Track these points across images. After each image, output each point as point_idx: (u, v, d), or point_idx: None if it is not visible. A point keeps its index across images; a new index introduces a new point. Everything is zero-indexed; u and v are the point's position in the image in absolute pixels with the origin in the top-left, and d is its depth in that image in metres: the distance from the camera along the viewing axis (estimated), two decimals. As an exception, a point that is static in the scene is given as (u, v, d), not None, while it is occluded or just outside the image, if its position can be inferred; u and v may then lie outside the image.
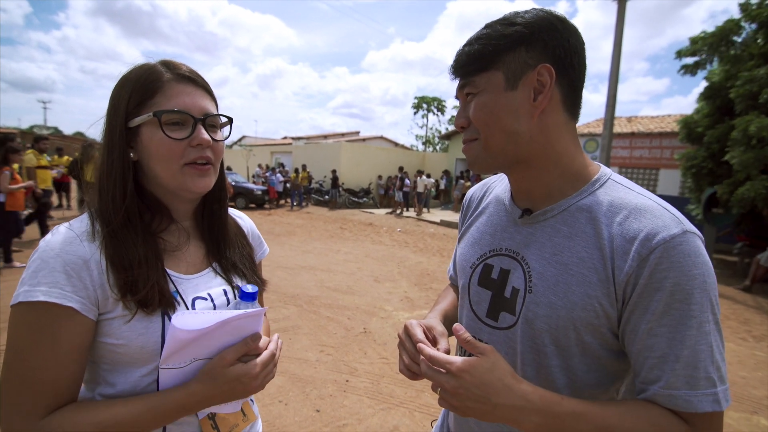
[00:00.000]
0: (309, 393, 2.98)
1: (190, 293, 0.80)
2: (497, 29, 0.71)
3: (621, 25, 10.15)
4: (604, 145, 10.46)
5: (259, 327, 0.77)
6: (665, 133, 13.99)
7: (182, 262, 0.82)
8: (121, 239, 0.73)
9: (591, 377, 0.71)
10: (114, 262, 0.71)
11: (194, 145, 0.75)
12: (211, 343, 0.71)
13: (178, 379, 0.72)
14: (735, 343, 4.62)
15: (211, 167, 0.80)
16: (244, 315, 0.72)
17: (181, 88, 0.76)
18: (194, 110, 0.75)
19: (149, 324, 0.72)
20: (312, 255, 7.80)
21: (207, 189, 0.80)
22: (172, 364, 0.70)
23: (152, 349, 0.72)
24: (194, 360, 0.72)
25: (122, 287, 0.70)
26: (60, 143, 15.00)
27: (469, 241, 0.91)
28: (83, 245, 0.70)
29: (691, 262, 0.61)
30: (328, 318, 4.53)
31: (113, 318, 0.71)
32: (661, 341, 0.61)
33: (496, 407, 0.60)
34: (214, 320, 0.69)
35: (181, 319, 0.68)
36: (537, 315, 0.71)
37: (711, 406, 0.60)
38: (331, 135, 34.52)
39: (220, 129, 0.83)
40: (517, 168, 0.76)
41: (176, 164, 0.75)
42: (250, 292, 0.81)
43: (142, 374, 0.73)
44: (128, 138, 0.75)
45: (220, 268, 0.88)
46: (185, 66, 0.79)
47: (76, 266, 0.68)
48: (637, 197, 0.69)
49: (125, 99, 0.74)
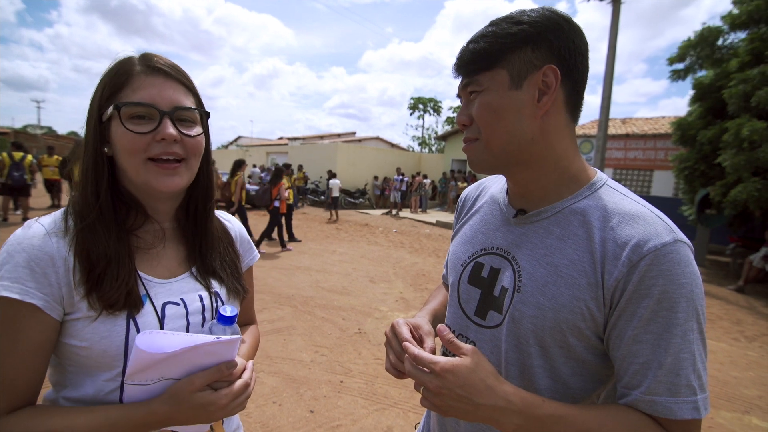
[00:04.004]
0: (303, 394, 2.97)
1: (162, 297, 0.76)
2: (504, 27, 0.70)
3: (615, 27, 10.21)
4: (599, 146, 10.51)
5: (234, 354, 0.71)
6: (659, 135, 14.07)
7: (158, 264, 0.79)
8: (93, 234, 0.70)
9: (575, 380, 0.71)
10: (82, 257, 0.68)
11: (158, 140, 0.71)
12: (180, 365, 0.67)
13: (143, 396, 0.68)
14: (727, 343, 4.66)
15: (181, 165, 0.75)
16: (217, 342, 0.67)
17: (149, 80, 0.72)
18: (161, 103, 0.72)
19: (113, 327, 0.69)
20: (307, 255, 7.78)
21: (175, 189, 0.75)
22: (137, 380, 0.66)
23: (115, 354, 0.69)
24: (162, 379, 0.67)
25: (88, 284, 0.68)
26: (53, 142, 14.86)
27: (462, 239, 0.91)
28: (51, 241, 0.68)
29: (680, 271, 0.61)
30: (322, 319, 4.52)
31: (78, 318, 0.68)
32: (646, 348, 0.62)
33: (478, 407, 0.60)
34: (184, 344, 0.64)
35: (146, 340, 0.63)
36: (524, 315, 0.72)
37: (691, 414, 0.60)
38: (327, 135, 34.47)
39: (197, 124, 0.78)
40: (516, 169, 0.76)
41: (139, 159, 0.71)
42: (229, 316, 0.75)
43: (105, 379, 0.70)
44: (102, 133, 0.73)
45: (198, 272, 0.84)
46: (161, 58, 0.75)
47: (41, 262, 0.65)
48: (631, 204, 0.70)
49: (99, 92, 0.72)
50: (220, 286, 0.86)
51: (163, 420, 0.67)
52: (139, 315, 0.72)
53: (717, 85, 8.23)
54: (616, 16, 10.22)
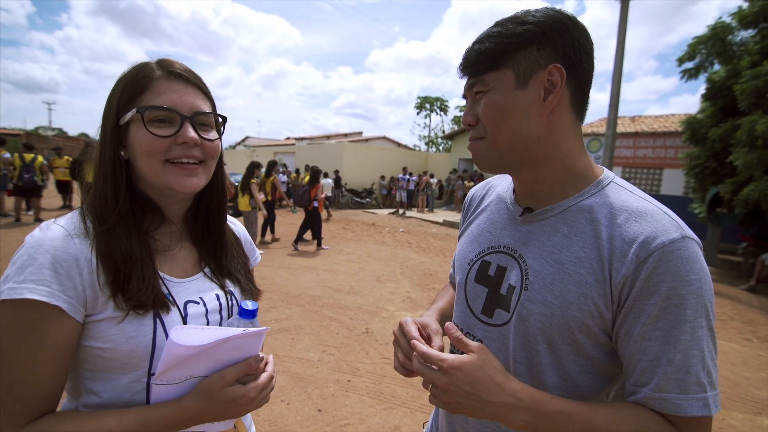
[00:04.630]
0: (311, 392, 2.99)
1: (182, 296, 0.77)
2: (508, 28, 0.70)
3: (624, 24, 10.11)
4: (608, 144, 10.42)
5: (260, 347, 0.73)
6: (669, 133, 13.89)
7: (174, 265, 0.80)
8: (114, 236, 0.70)
9: (584, 378, 0.71)
10: (105, 258, 0.68)
11: (180, 143, 0.73)
12: (208, 361, 0.68)
13: (171, 395, 0.69)
14: (739, 343, 4.60)
15: (200, 167, 0.77)
16: (246, 334, 0.68)
17: (170, 85, 0.74)
18: (182, 107, 0.73)
19: (140, 327, 0.69)
20: (314, 255, 7.82)
21: (194, 189, 0.77)
22: (166, 380, 0.67)
23: (142, 354, 0.69)
24: (190, 377, 0.68)
25: (114, 285, 0.68)
26: (64, 144, 15.04)
27: (469, 238, 0.91)
28: (74, 242, 0.67)
29: (689, 268, 0.61)
30: (330, 318, 4.54)
31: (102, 320, 0.67)
32: (655, 345, 0.62)
33: (486, 404, 0.60)
34: (215, 338, 0.65)
35: (179, 334, 0.64)
36: (531, 312, 0.72)
37: (701, 411, 0.60)
38: (334, 135, 34.55)
39: (214, 128, 0.80)
40: (522, 168, 0.76)
41: (158, 160, 0.73)
42: (250, 309, 0.76)
43: (130, 380, 0.70)
44: (120, 136, 0.74)
45: (212, 272, 0.85)
46: (179, 64, 0.77)
47: (66, 263, 0.65)
48: (638, 201, 0.70)
49: (117, 96, 0.73)
50: (234, 286, 0.88)
51: (194, 416, 0.68)
52: (165, 314, 0.73)
53: (729, 83, 8.10)
54: (624, 12, 10.12)
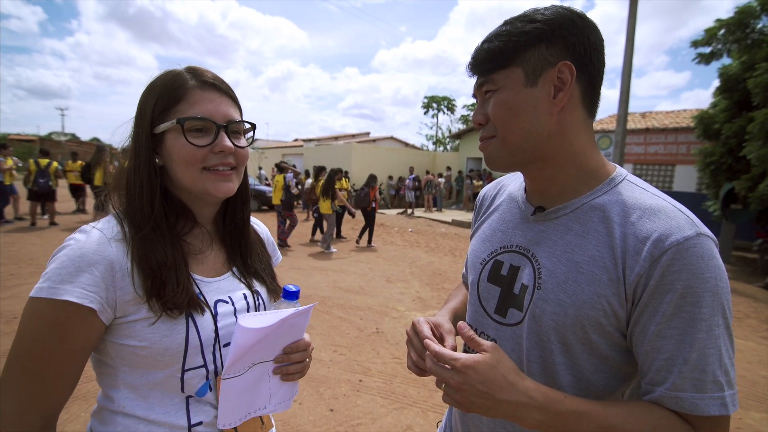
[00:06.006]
0: (323, 392, 3.01)
1: (213, 296, 0.80)
2: (517, 26, 0.70)
3: (633, 19, 9.97)
4: (618, 141, 10.28)
5: (306, 325, 0.82)
6: (681, 129, 13.66)
7: (204, 265, 0.83)
8: (150, 243, 0.73)
9: (598, 377, 0.70)
10: (142, 264, 0.71)
11: (216, 152, 0.76)
12: (268, 344, 0.73)
13: (239, 387, 0.73)
14: (755, 341, 4.52)
15: (233, 172, 0.80)
16: (300, 312, 0.74)
17: (204, 95, 0.76)
18: (217, 117, 0.76)
19: (174, 326, 0.72)
20: (324, 256, 7.84)
21: (229, 193, 0.80)
22: (233, 372, 0.71)
23: (176, 351, 0.73)
24: (252, 365, 0.73)
25: (150, 289, 0.71)
26: (77, 148, 15.28)
27: (481, 237, 0.91)
28: (111, 247, 0.70)
29: (704, 265, 0.60)
30: (340, 318, 4.55)
31: (136, 320, 0.71)
32: (670, 343, 0.61)
33: (499, 403, 0.60)
34: (276, 318, 0.70)
35: (247, 321, 0.69)
36: (544, 311, 0.71)
37: (718, 410, 0.59)
38: (341, 136, 34.61)
39: (243, 135, 0.83)
40: (534, 166, 0.76)
41: (196, 169, 0.76)
42: (293, 291, 0.82)
43: (165, 375, 0.74)
44: (154, 144, 0.76)
45: (239, 272, 0.88)
46: (210, 73, 0.80)
47: (101, 267, 0.68)
48: (652, 198, 0.69)
49: (151, 106, 0.75)
50: (260, 286, 0.91)
51: None
52: (198, 314, 0.76)
53: (744, 77, 7.94)
54: (633, 6, 9.98)
